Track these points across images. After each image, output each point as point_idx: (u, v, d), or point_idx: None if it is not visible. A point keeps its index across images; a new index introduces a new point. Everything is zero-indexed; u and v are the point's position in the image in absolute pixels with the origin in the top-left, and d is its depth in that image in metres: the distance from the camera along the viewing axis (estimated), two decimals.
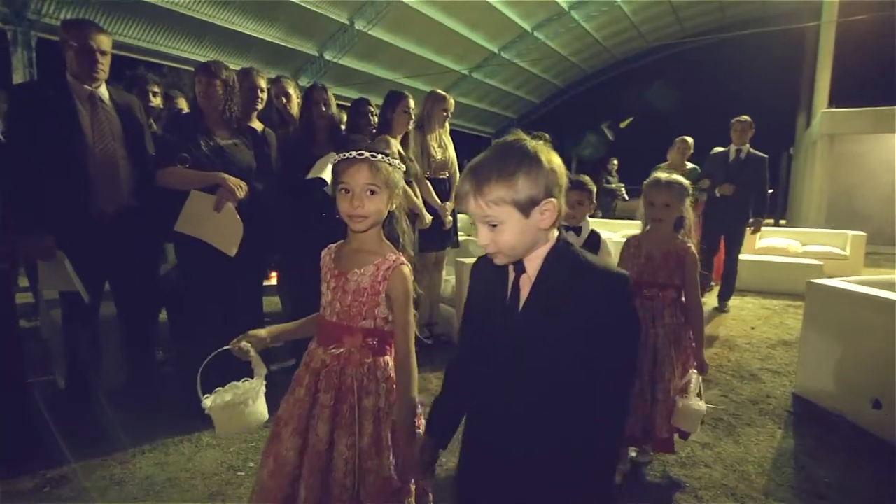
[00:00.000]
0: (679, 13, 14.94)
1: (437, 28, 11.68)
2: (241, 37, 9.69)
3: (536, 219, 0.85)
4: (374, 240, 1.22)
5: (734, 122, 4.37)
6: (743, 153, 4.34)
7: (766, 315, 4.48)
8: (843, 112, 9.22)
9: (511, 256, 0.88)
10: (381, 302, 1.17)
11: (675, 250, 1.89)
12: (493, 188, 0.82)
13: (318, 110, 2.69)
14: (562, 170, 0.86)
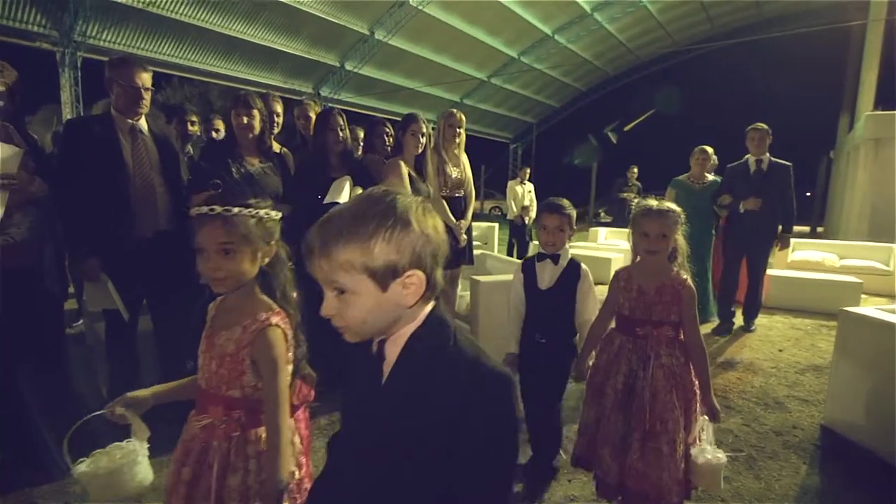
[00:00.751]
0: (709, 11, 14.50)
1: (456, 35, 11.72)
2: (268, 51, 9.98)
3: (397, 293, 0.69)
4: (246, 298, 1.10)
5: (750, 131, 4.01)
6: (764, 164, 4.00)
7: (796, 336, 4.27)
8: (890, 115, 8.72)
9: (361, 335, 0.73)
10: (247, 369, 1.06)
11: (670, 283, 1.70)
12: (343, 250, 0.67)
13: (333, 136, 2.76)
14: (438, 236, 0.72)
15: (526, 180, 7.89)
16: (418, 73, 12.83)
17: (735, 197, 4.02)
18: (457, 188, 3.27)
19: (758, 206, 3.91)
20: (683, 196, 4.25)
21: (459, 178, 3.26)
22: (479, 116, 17.02)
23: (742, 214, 4.01)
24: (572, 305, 1.95)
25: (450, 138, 3.20)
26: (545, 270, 1.98)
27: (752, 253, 4.11)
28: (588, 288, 1.96)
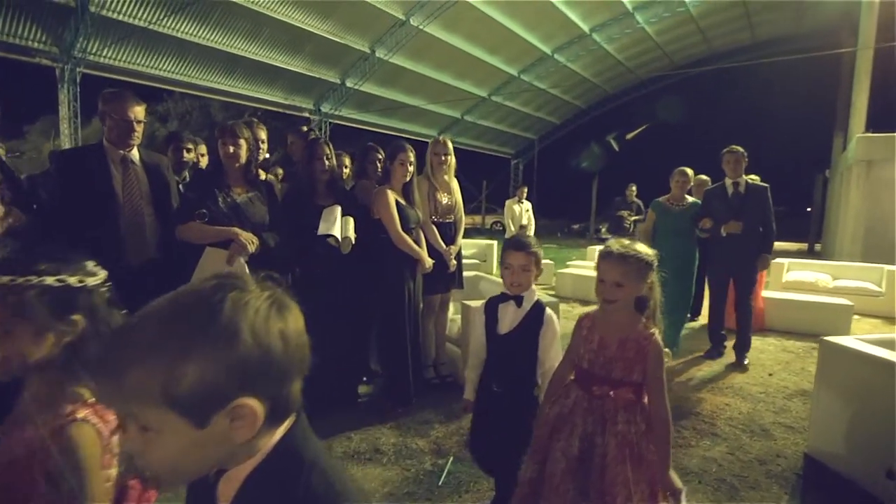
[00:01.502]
0: (706, 33, 14.76)
1: (456, 54, 11.93)
2: (268, 68, 10.15)
3: (221, 428, 0.52)
4: (45, 390, 0.86)
5: (725, 154, 3.97)
6: (741, 186, 3.97)
7: (786, 360, 4.29)
8: (882, 137, 8.83)
9: (174, 482, 0.56)
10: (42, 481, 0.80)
11: (634, 338, 1.47)
12: (134, 373, 0.49)
13: (319, 165, 2.83)
14: (289, 347, 0.55)
15: (524, 199, 7.97)
16: (419, 90, 13.03)
17: (715, 221, 3.97)
18: (447, 214, 3.33)
19: (739, 230, 3.87)
20: (663, 218, 4.23)
21: (449, 204, 3.33)
22: (481, 132, 17.21)
23: (724, 238, 3.96)
24: (534, 353, 1.76)
25: (437, 165, 3.27)
26: (507, 313, 1.81)
27: (737, 277, 4.05)
28: (552, 335, 1.77)
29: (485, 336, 1.85)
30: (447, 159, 3.29)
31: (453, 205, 3.35)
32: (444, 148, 3.27)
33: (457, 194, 3.39)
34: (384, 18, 10.05)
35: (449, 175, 3.36)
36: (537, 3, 11.03)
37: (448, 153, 3.29)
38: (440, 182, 3.33)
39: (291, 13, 9.06)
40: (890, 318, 6.03)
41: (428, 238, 3.24)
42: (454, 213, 3.38)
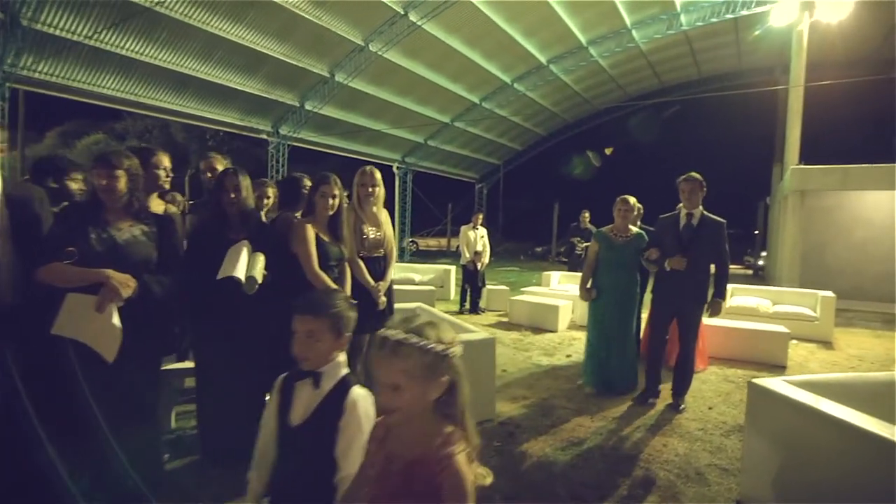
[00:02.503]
0: (656, 67, 15.52)
1: (418, 80, 12.02)
2: (222, 89, 9.88)
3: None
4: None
5: (681, 182, 3.61)
6: (695, 218, 3.61)
7: (726, 391, 4.31)
8: (813, 169, 9.40)
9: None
10: None
11: (427, 461, 1.01)
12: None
13: (227, 198, 2.63)
14: None
15: (479, 225, 7.93)
16: (381, 115, 13.01)
17: (662, 252, 3.66)
18: (375, 248, 3.19)
19: (682, 266, 3.54)
20: (606, 250, 4.02)
21: (378, 238, 3.19)
22: (445, 157, 17.33)
23: (668, 273, 3.64)
24: (331, 452, 1.30)
25: (364, 197, 3.14)
26: (301, 396, 1.38)
27: (680, 316, 3.72)
28: (355, 429, 1.29)
29: (274, 425, 1.39)
30: (375, 190, 3.16)
31: (382, 239, 3.21)
32: (371, 178, 3.15)
33: (387, 227, 3.26)
34: (343, 44, 10.03)
35: (378, 207, 3.23)
36: (497, 36, 11.31)
37: (376, 184, 3.16)
38: (368, 215, 3.19)
39: (246, 35, 8.89)
40: (825, 342, 6.26)
41: (354, 273, 3.08)
42: (384, 248, 3.23)
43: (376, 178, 3.17)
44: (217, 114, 10.48)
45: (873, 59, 13.88)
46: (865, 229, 10.16)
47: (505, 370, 4.75)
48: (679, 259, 3.56)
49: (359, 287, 3.09)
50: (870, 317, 8.23)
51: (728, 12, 11.30)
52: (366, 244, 3.15)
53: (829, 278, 10.13)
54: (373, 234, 3.18)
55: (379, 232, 3.22)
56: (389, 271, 3.26)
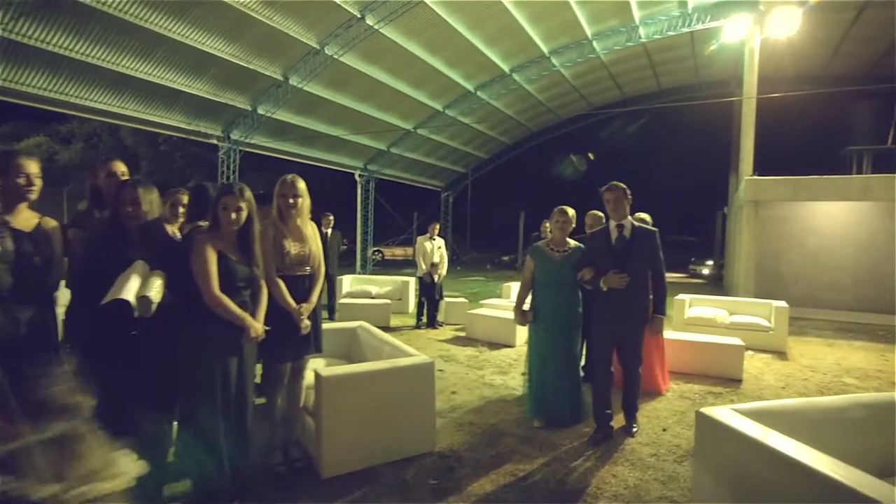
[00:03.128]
0: (617, 79, 15.75)
1: (378, 86, 11.72)
2: (165, 90, 9.29)
3: None
4: None
5: (604, 192, 3.31)
6: (626, 230, 3.33)
7: (682, 409, 4.14)
8: (766, 180, 9.59)
9: None
10: None
11: None
12: None
13: (124, 211, 2.35)
14: None
15: (436, 235, 7.65)
16: (340, 121, 12.62)
17: (597, 271, 3.36)
18: (299, 265, 2.84)
19: (622, 284, 3.23)
20: (542, 266, 3.64)
21: (302, 254, 2.84)
22: (409, 165, 17.04)
23: (606, 293, 3.30)
24: None
25: (285, 208, 2.80)
26: None
27: (621, 339, 3.39)
28: None
29: None
30: (297, 202, 2.82)
31: (307, 255, 2.87)
32: (292, 188, 2.81)
33: (313, 242, 2.91)
34: (297, 46, 9.63)
35: (302, 219, 2.89)
36: (458, 43, 11.15)
37: (298, 194, 2.82)
38: (290, 228, 2.85)
39: (189, 33, 8.38)
40: (780, 352, 6.26)
41: (274, 296, 2.73)
42: (310, 264, 2.89)
43: (298, 188, 2.83)
44: (160, 116, 9.85)
45: (820, 76, 14.51)
46: (817, 239, 10.45)
47: (455, 392, 4.45)
48: (617, 276, 3.24)
49: (280, 309, 2.74)
50: (821, 325, 8.38)
51: (684, 26, 11.54)
52: (287, 261, 2.80)
53: (783, 287, 10.36)
54: (295, 250, 2.83)
55: (303, 247, 2.87)
56: (315, 291, 2.92)
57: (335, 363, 3.81)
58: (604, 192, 3.32)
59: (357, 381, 2.92)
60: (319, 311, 2.99)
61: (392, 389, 3.00)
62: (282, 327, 2.75)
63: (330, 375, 2.83)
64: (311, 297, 2.86)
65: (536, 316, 3.62)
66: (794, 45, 12.23)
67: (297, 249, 2.84)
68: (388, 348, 3.55)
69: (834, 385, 4.96)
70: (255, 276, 2.53)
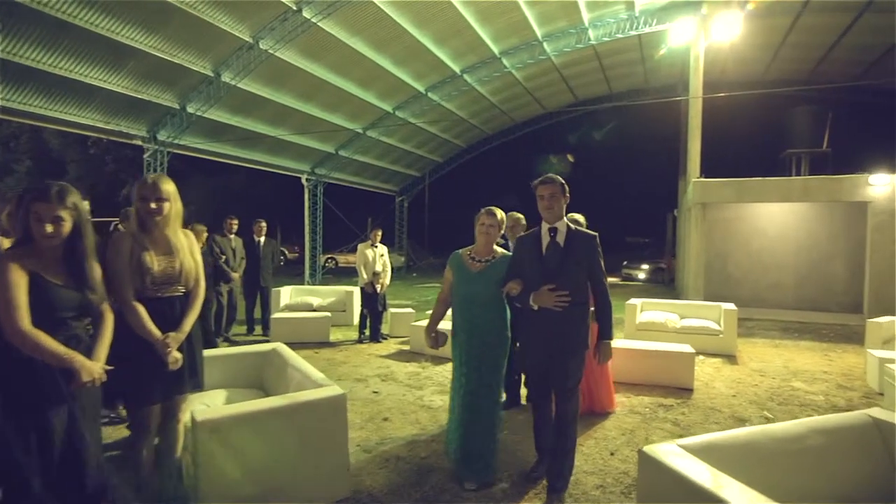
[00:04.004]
0: (569, 82, 15.79)
1: (322, 85, 11.10)
2: (77, 84, 8.33)
3: None
4: None
5: (537, 186, 2.68)
6: (560, 234, 2.65)
7: (631, 427, 3.84)
8: (713, 182, 9.70)
9: None
10: None
11: None
12: None
13: (39, 229, 1.84)
14: None
15: (378, 243, 7.15)
16: (282, 121, 11.88)
17: (526, 286, 2.67)
18: (167, 285, 2.29)
19: (557, 303, 2.56)
20: (460, 279, 2.92)
21: (169, 271, 2.29)
22: (360, 168, 16.41)
23: (537, 313, 2.62)
24: None
25: (146, 215, 2.25)
26: None
27: (555, 369, 2.66)
28: None
29: None
30: (162, 207, 2.27)
31: (177, 271, 2.32)
32: (154, 190, 2.26)
33: (185, 255, 2.37)
34: (228, 39, 8.89)
35: (171, 228, 2.34)
36: (406, 41, 10.72)
37: (164, 197, 2.28)
38: (154, 239, 2.30)
39: (100, 21, 7.50)
40: (730, 356, 6.17)
41: (131, 324, 2.18)
42: (181, 282, 2.35)
43: (163, 190, 2.28)
44: (72, 115, 8.84)
45: (761, 80, 15.09)
46: (761, 239, 10.69)
47: (387, 419, 3.97)
48: (550, 294, 2.56)
49: (142, 341, 2.19)
50: (767, 325, 8.47)
51: (632, 29, 11.60)
52: (149, 280, 2.25)
53: (730, 288, 10.51)
54: (159, 266, 2.27)
55: (172, 262, 2.32)
56: (190, 315, 2.36)
57: (244, 395, 3.26)
58: (537, 187, 2.67)
59: (245, 424, 2.39)
60: (197, 340, 2.45)
61: (293, 430, 2.49)
62: (144, 363, 2.21)
63: (206, 419, 2.29)
64: (183, 324, 2.32)
65: (453, 338, 2.97)
66: (737, 51, 12.61)
67: (163, 265, 2.29)
68: (298, 376, 3.03)
69: (783, 390, 4.83)
70: (91, 303, 1.97)
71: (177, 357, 2.26)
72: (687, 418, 4.03)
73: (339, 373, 5.27)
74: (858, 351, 6.56)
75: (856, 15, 11.00)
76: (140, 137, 10.20)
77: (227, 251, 6.55)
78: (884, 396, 4.41)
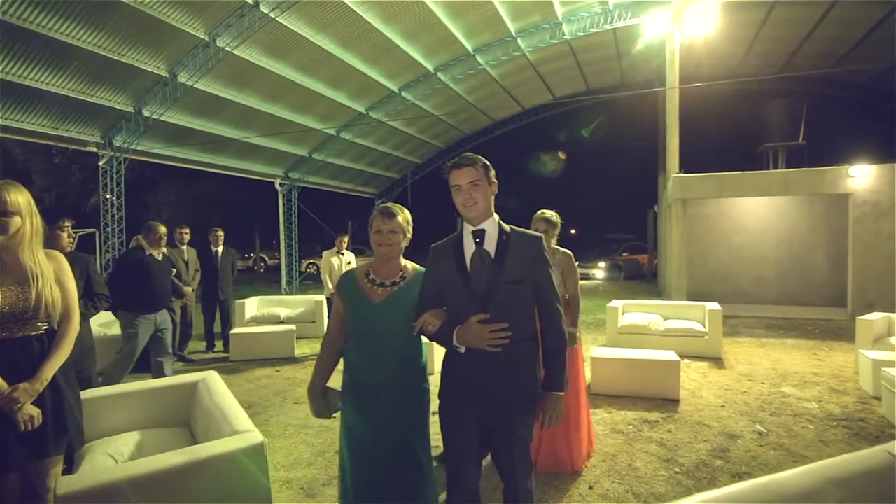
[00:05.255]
0: (546, 80, 15.51)
1: (288, 85, 10.60)
2: (15, 87, 7.70)
3: None
4: None
5: (449, 171, 1.80)
6: (490, 239, 1.79)
7: (613, 449, 3.45)
8: (692, 177, 9.45)
9: None
10: None
11: None
12: None
13: None
14: None
15: (344, 250, 6.70)
16: (248, 124, 11.33)
17: (450, 317, 1.77)
18: (18, 321, 1.81)
19: (491, 343, 1.67)
20: (353, 310, 1.97)
21: (18, 305, 1.80)
22: (336, 172, 15.90)
23: (464, 357, 1.74)
24: None
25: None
26: None
27: (494, 431, 1.79)
28: None
29: None
30: (8, 222, 1.80)
31: (27, 303, 1.84)
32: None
33: (47, 283, 1.89)
34: (181, 37, 8.34)
35: (23, 248, 1.86)
36: (374, 38, 10.28)
37: (12, 211, 1.80)
38: (3, 264, 1.82)
39: (34, 17, 6.91)
40: (715, 358, 5.86)
41: None
42: (38, 318, 1.87)
43: (9, 202, 1.80)
44: (16, 120, 8.20)
45: (736, 74, 15.00)
46: (742, 235, 10.49)
47: None
48: (478, 328, 1.67)
49: None
50: (752, 322, 8.22)
51: (606, 23, 11.34)
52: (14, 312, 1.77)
53: (713, 284, 10.28)
54: (4, 298, 1.79)
55: (24, 291, 1.84)
56: (52, 361, 1.87)
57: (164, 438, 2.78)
58: (450, 172, 1.78)
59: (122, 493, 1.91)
60: (68, 388, 1.97)
61: (193, 493, 2.03)
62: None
63: (68, 492, 1.81)
64: (42, 371, 1.84)
65: (344, 401, 2.00)
66: (711, 45, 12.44)
67: (11, 297, 1.81)
68: (219, 415, 2.56)
69: (774, 397, 4.51)
70: None
71: (30, 413, 1.78)
72: (674, 437, 3.67)
73: (297, 394, 4.81)
74: (846, 348, 6.33)
75: (826, 8, 10.92)
76: (94, 143, 9.57)
77: (179, 264, 6.03)
78: (881, 402, 4.11)
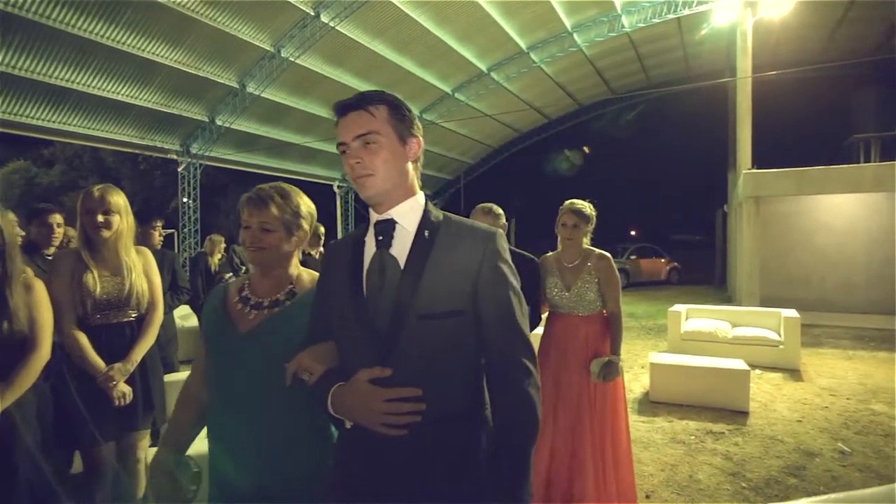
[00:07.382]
0: (603, 75, 15.02)
1: (346, 91, 10.95)
2: (109, 102, 8.59)
3: None
4: None
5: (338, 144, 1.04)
6: (402, 235, 1.01)
7: (674, 459, 3.28)
8: (768, 173, 8.75)
9: None
10: None
11: None
12: None
13: None
14: None
15: None
16: (309, 129, 11.90)
17: (340, 363, 1.01)
18: (112, 309, 2.04)
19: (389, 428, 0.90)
20: (216, 345, 1.27)
21: (115, 292, 2.03)
22: None
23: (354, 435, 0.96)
24: None
25: (92, 230, 2.00)
26: None
27: None
28: None
29: None
30: (110, 221, 2.02)
31: (126, 292, 2.06)
32: (100, 203, 2.01)
33: (138, 275, 2.11)
34: (249, 49, 8.93)
35: (122, 244, 2.09)
36: (427, 41, 10.44)
37: (111, 210, 2.03)
38: (103, 258, 2.05)
39: (124, 38, 7.67)
40: (792, 370, 5.40)
41: (71, 356, 1.94)
42: (130, 305, 2.08)
43: (110, 202, 2.03)
44: (108, 132, 9.15)
45: (819, 59, 13.71)
46: (826, 235, 9.58)
47: None
48: (370, 393, 0.91)
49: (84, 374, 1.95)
50: (838, 333, 7.49)
51: (670, 12, 10.79)
52: (90, 304, 2.00)
53: (791, 289, 9.48)
54: (103, 288, 2.02)
55: (119, 283, 2.07)
56: (141, 344, 2.09)
57: None
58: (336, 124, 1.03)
59: None
60: (154, 370, 2.18)
61: None
62: (89, 398, 1.96)
63: None
64: (132, 353, 2.05)
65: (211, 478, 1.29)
66: (789, 30, 11.48)
67: (107, 285, 2.03)
68: None
69: (861, 414, 4.09)
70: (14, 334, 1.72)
71: (123, 391, 1.99)
72: (742, 450, 3.43)
73: None
74: None
75: None
76: (174, 151, 10.47)
77: None
78: None
